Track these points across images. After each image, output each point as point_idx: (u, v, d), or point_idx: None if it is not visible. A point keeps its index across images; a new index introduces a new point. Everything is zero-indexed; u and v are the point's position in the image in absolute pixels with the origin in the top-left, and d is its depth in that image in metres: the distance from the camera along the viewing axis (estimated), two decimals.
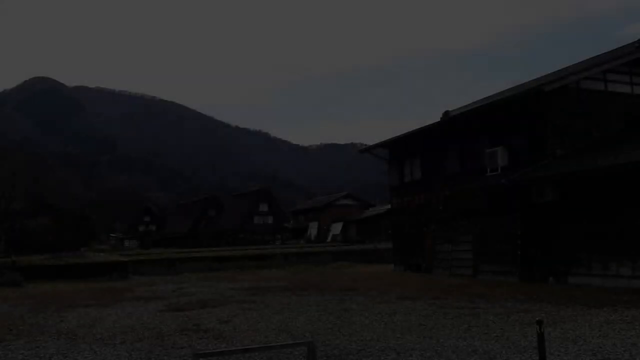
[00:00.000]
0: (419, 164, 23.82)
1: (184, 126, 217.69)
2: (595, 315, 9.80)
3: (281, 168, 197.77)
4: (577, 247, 15.26)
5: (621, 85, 18.36)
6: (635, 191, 13.69)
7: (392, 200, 26.23)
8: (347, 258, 32.96)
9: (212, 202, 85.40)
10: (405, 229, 24.61)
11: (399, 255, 25.04)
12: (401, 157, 25.09)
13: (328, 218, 65.24)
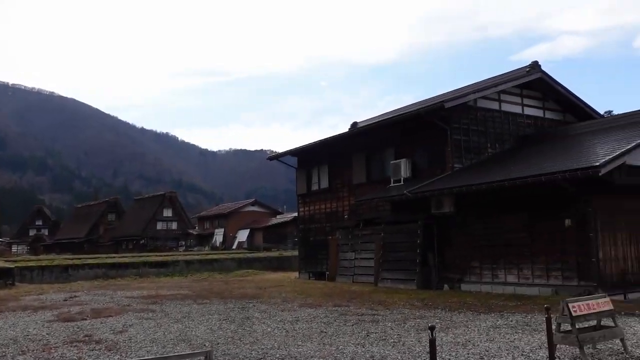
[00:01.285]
0: (326, 173, 24.19)
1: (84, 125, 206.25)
2: (484, 320, 10.39)
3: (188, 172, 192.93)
4: (470, 256, 16.16)
5: (513, 106, 19.77)
6: (518, 205, 14.74)
7: (299, 208, 26.40)
8: (253, 265, 32.70)
9: (112, 206, 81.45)
10: (312, 236, 24.85)
11: (304, 263, 25.21)
12: (309, 165, 25.35)
13: (235, 225, 64.41)
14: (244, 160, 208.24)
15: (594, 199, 13.42)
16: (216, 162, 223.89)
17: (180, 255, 39.44)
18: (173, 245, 67.07)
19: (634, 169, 14.53)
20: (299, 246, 26.70)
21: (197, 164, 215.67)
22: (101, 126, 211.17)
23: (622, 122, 17.41)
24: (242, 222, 64.10)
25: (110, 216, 80.00)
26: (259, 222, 63.13)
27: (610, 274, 13.46)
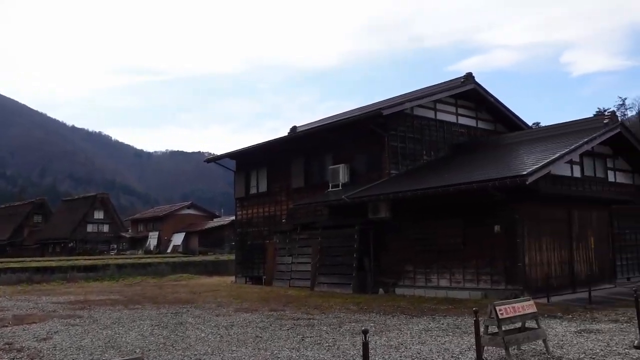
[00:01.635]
0: (265, 177, 24.07)
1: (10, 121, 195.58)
2: (417, 323, 10.63)
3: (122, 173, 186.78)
4: (405, 261, 16.51)
5: (448, 115, 20.41)
6: (451, 211, 15.23)
7: (237, 212, 26.11)
8: (188, 270, 32.04)
9: (39, 207, 77.53)
10: (249, 240, 24.64)
11: (241, 267, 24.94)
12: (248, 168, 25.15)
13: (170, 228, 62.87)
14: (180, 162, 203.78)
15: (521, 206, 14.05)
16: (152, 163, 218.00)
17: (111, 259, 38.08)
18: (104, 249, 64.63)
19: (558, 178, 15.38)
20: (236, 250, 26.40)
21: (132, 164, 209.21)
22: (29, 123, 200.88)
23: (548, 133, 18.36)
24: (178, 225, 62.67)
25: (36, 217, 76.10)
26: (195, 226, 61.96)
27: (535, 278, 14.11)
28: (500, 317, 7.04)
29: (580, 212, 15.84)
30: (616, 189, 17.74)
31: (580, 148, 15.13)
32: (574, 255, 15.43)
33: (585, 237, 15.98)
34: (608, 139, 16.55)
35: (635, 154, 17.93)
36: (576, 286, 14.96)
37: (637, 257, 18.19)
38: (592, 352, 7.61)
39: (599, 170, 17.27)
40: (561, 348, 7.96)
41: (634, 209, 18.07)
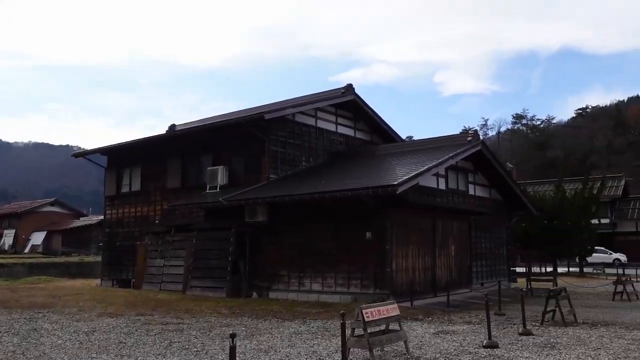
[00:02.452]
0: (138, 175, 23.01)
1: None
2: (288, 327, 10.74)
3: None
4: (280, 265, 16.63)
5: (328, 123, 20.95)
6: (327, 217, 15.63)
7: (107, 211, 24.66)
8: (48, 271, 29.64)
9: None
10: (119, 241, 23.38)
11: (108, 270, 23.57)
12: (120, 166, 23.89)
13: (29, 226, 57.73)
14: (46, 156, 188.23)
15: (391, 214, 14.78)
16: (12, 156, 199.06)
17: None
18: None
19: (425, 189, 16.39)
20: (104, 251, 24.90)
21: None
22: None
23: (419, 147, 19.54)
24: (39, 224, 57.74)
25: None
26: (59, 224, 57.50)
27: (401, 283, 14.90)
28: (366, 320, 7.33)
29: (443, 221, 17.02)
30: (475, 202, 19.30)
31: (446, 162, 16.27)
32: (437, 262, 16.53)
33: (447, 245, 17.20)
34: (470, 155, 17.96)
35: (492, 170, 19.64)
36: (437, 291, 16.03)
37: (490, 264, 19.92)
38: (446, 352, 8.18)
39: (461, 183, 18.68)
40: (420, 348, 8.47)
41: (488, 220, 19.79)
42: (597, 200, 31.82)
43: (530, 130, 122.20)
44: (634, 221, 44.78)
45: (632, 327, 11.07)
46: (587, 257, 32.62)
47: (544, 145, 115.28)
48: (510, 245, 22.11)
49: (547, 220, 28.48)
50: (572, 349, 8.52)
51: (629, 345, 8.91)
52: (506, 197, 21.03)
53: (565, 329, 10.72)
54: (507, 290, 18.27)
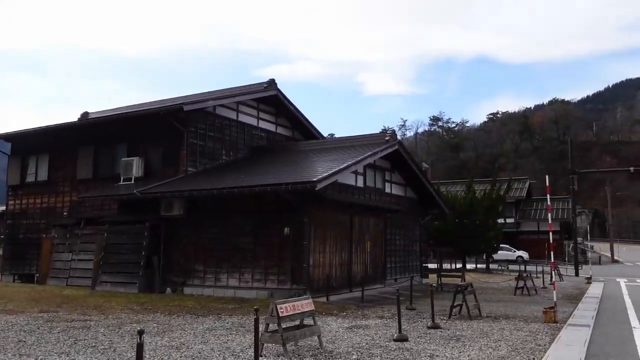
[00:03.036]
0: (46, 164, 21.76)
1: None
2: (202, 323, 10.56)
3: None
4: (196, 260, 16.32)
5: (250, 117, 20.79)
6: (246, 212, 15.53)
7: (9, 201, 23.09)
8: None
9: None
10: (22, 234, 22.00)
11: (10, 264, 22.13)
12: (26, 153, 22.47)
13: None
14: None
15: (310, 210, 14.90)
16: None
17: None
18: None
19: (344, 186, 16.67)
20: (4, 244, 23.31)
21: None
22: None
23: (340, 144, 19.84)
24: None
25: None
26: None
27: (318, 278, 15.07)
28: (280, 315, 7.34)
29: (360, 218, 17.39)
30: (391, 200, 19.88)
31: (365, 160, 16.63)
32: (353, 258, 16.86)
33: (363, 242, 17.59)
34: (388, 155, 18.47)
35: (408, 169, 20.30)
36: (353, 286, 16.36)
37: (403, 260, 20.60)
38: (358, 346, 8.37)
39: (378, 181, 19.17)
40: (333, 343, 8.61)
41: (403, 218, 20.45)
42: (504, 201, 33.74)
43: (445, 132, 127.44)
44: (536, 221, 47.90)
45: (530, 320, 11.84)
46: (493, 254, 34.55)
47: (458, 147, 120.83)
48: (423, 242, 22.96)
49: (458, 219, 29.84)
50: (475, 341, 8.99)
51: (526, 337, 9.52)
52: (421, 196, 21.82)
53: (470, 322, 11.28)
54: (419, 286, 18.94)
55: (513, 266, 34.21)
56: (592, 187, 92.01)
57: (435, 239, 29.75)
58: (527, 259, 40.32)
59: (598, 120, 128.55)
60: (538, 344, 8.76)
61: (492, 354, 7.89)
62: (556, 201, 48.34)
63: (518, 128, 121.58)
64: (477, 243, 30.59)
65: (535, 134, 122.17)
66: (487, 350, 8.16)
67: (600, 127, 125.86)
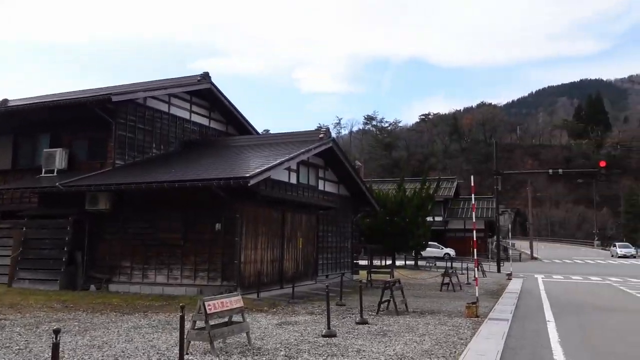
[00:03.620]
0: None
1: None
2: (127, 321, 10.24)
3: None
4: (123, 256, 15.78)
5: (182, 111, 20.31)
6: (176, 207, 15.18)
7: None
8: None
9: None
10: None
11: None
12: None
13: None
14: None
15: (242, 206, 14.76)
16: None
17: None
18: None
19: (277, 182, 16.64)
20: None
21: None
22: None
23: (274, 141, 19.78)
24: None
25: None
26: None
27: (249, 274, 14.96)
28: (208, 312, 7.25)
29: (292, 214, 17.43)
30: (324, 197, 20.03)
31: (298, 157, 16.65)
32: (284, 255, 16.87)
33: (295, 238, 17.63)
34: (322, 152, 18.58)
35: (341, 167, 20.53)
36: (284, 283, 16.37)
37: (334, 257, 20.83)
38: (287, 342, 8.40)
39: (312, 178, 19.26)
40: (262, 339, 8.59)
41: (335, 215, 20.68)
42: (433, 200, 34.81)
43: (379, 131, 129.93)
44: (463, 220, 49.77)
45: (454, 314, 12.29)
46: (422, 251, 35.60)
47: (391, 146, 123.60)
48: (354, 239, 23.31)
49: (388, 216, 30.51)
50: (401, 335, 9.24)
51: (449, 331, 9.88)
52: (353, 194, 22.13)
53: (397, 317, 11.58)
54: (349, 282, 19.25)
55: (440, 263, 35.40)
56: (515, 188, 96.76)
57: (367, 236, 30.29)
58: (454, 256, 41.84)
59: (522, 124, 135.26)
60: (460, 338, 9.11)
61: (416, 348, 8.13)
62: (481, 200, 50.44)
63: (448, 129, 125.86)
64: (406, 240, 31.39)
65: (464, 135, 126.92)
66: (412, 345, 8.40)
67: (524, 130, 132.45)
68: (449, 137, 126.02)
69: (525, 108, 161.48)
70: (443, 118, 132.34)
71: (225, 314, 7.80)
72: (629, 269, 36.53)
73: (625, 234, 78.46)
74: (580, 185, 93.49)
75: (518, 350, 8.28)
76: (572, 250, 70.08)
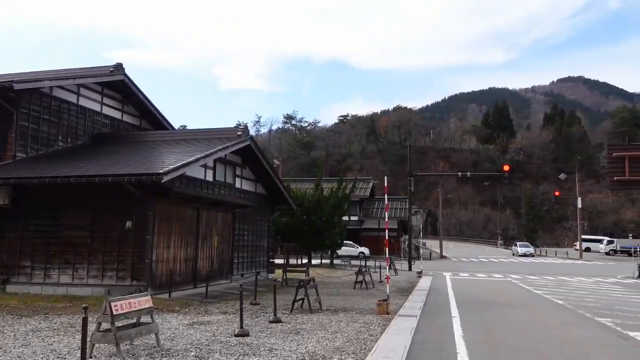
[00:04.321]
0: None
1: None
2: (25, 324, 9.62)
3: None
4: (22, 255, 14.80)
5: (92, 102, 19.35)
6: (83, 203, 14.46)
7: None
8: None
9: None
10: None
11: None
12: None
13: None
14: None
15: (155, 203, 14.29)
16: None
17: None
18: None
19: (192, 180, 16.29)
20: None
21: None
22: None
23: (191, 137, 19.32)
24: None
25: None
26: None
27: (161, 274, 14.52)
28: (114, 313, 6.96)
29: (208, 212, 17.12)
30: (241, 195, 19.84)
31: (215, 154, 16.38)
32: (199, 253, 16.54)
33: (210, 237, 17.34)
34: (239, 149, 18.39)
35: (259, 165, 20.42)
36: (198, 282, 16.05)
37: (250, 256, 20.69)
38: (198, 342, 8.24)
39: (229, 176, 19.01)
40: (172, 340, 8.37)
41: (252, 213, 20.56)
42: (349, 199, 35.47)
43: (298, 130, 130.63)
44: (377, 219, 51.04)
45: (366, 312, 12.59)
46: (338, 250, 36.17)
47: (309, 145, 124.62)
48: (271, 238, 23.27)
49: (305, 215, 30.74)
50: (314, 333, 9.33)
51: (361, 328, 10.11)
52: (270, 192, 22.09)
53: (310, 315, 11.69)
54: (265, 281, 19.19)
55: (355, 262, 36.12)
56: (427, 189, 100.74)
57: (283, 234, 30.34)
58: (369, 255, 42.83)
59: (435, 128, 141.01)
60: (371, 335, 9.35)
61: (328, 345, 8.25)
62: (395, 201, 51.99)
63: (366, 131, 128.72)
64: (322, 239, 31.76)
65: (381, 137, 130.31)
66: (324, 342, 8.51)
67: (437, 134, 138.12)
68: (366, 139, 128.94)
69: (439, 112, 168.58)
70: (361, 120, 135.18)
71: (133, 314, 7.53)
72: (528, 267, 39.08)
73: (526, 234, 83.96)
74: (486, 187, 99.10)
75: (425, 344, 8.62)
76: (478, 249, 73.96)
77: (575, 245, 63.28)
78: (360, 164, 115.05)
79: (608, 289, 21.33)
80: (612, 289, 21.10)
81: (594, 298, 17.17)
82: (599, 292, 19.72)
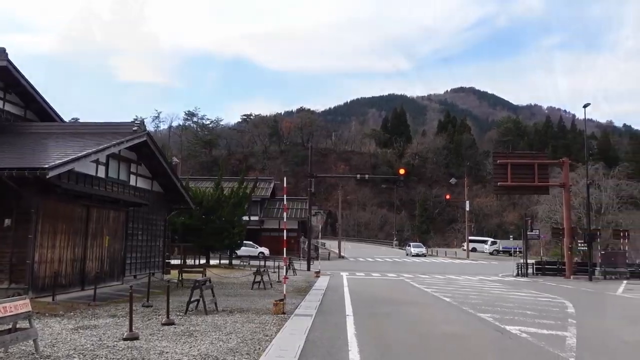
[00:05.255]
0: None
1: None
2: None
3: None
4: None
5: None
6: None
7: None
8: None
9: None
10: None
11: None
12: None
13: None
14: None
15: (38, 201, 13.34)
16: None
17: None
18: None
19: (82, 176, 15.41)
20: None
21: None
22: None
23: (83, 130, 18.28)
24: None
25: None
26: None
27: (44, 276, 13.58)
28: None
29: (99, 211, 16.27)
30: (135, 193, 19.04)
31: (108, 149, 15.60)
32: (88, 253, 15.66)
33: (101, 236, 16.48)
34: (135, 145, 17.66)
35: (156, 162, 19.71)
36: (86, 284, 15.20)
37: (144, 256, 19.93)
38: (83, 348, 7.80)
39: (123, 173, 18.17)
40: (53, 346, 7.86)
41: (148, 212, 19.82)
42: (250, 199, 35.27)
43: (200, 128, 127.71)
44: (278, 219, 51.18)
45: (262, 312, 12.58)
46: (237, 250, 35.81)
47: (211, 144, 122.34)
48: (168, 237, 22.56)
49: (205, 214, 30.16)
50: (208, 335, 9.17)
51: (256, 328, 10.08)
52: (168, 190, 21.41)
53: (206, 317, 11.47)
54: (159, 282, 18.53)
55: (255, 262, 35.96)
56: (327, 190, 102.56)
57: (181, 234, 29.55)
58: (269, 255, 42.80)
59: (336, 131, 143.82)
60: (266, 335, 9.35)
61: (222, 347, 8.14)
62: (296, 201, 52.45)
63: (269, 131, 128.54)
64: (222, 239, 31.32)
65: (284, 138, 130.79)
66: (217, 344, 8.39)
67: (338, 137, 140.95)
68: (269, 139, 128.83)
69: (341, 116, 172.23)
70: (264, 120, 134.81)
71: (7, 319, 6.96)
72: (420, 266, 40.99)
73: (419, 235, 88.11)
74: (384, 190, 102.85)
75: (318, 343, 8.76)
76: (374, 249, 76.43)
77: (464, 246, 67.27)
78: (262, 164, 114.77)
79: (490, 286, 22.92)
80: (493, 287, 22.70)
81: (477, 295, 18.37)
82: (482, 289, 21.13)
